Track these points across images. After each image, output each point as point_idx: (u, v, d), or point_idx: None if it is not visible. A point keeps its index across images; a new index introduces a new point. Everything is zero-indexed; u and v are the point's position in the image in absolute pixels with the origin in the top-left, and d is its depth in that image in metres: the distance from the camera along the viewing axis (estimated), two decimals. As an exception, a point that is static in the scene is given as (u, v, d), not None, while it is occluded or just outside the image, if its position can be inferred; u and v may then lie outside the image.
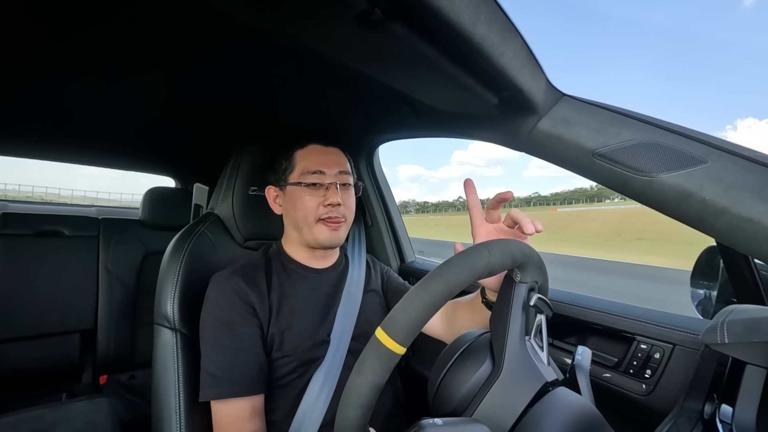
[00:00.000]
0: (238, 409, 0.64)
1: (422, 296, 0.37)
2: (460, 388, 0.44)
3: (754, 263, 0.67)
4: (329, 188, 0.75)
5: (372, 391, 0.36)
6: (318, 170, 0.75)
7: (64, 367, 1.56)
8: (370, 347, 0.37)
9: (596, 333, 0.80)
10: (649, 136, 0.46)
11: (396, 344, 0.36)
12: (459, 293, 0.40)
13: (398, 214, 1.31)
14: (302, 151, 0.78)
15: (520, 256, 0.46)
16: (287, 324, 0.71)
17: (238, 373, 0.64)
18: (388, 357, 0.36)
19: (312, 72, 0.73)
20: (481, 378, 0.44)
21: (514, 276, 0.49)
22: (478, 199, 0.61)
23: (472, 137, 0.80)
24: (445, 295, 0.38)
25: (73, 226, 1.59)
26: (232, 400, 0.64)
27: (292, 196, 0.76)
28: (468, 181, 0.58)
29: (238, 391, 0.64)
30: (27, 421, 0.97)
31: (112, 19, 0.59)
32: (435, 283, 0.38)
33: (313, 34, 0.47)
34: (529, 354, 0.45)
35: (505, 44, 0.45)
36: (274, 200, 0.81)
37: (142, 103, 1.00)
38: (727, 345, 0.46)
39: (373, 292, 0.85)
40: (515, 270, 0.49)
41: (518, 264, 0.47)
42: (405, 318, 0.37)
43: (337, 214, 0.74)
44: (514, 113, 0.57)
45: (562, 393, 0.44)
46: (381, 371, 0.36)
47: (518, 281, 0.48)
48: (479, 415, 0.41)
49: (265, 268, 0.76)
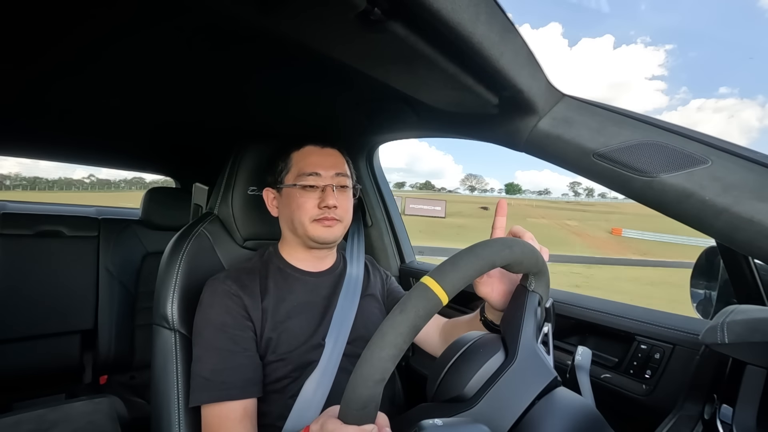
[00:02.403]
0: (228, 411, 0.63)
1: (471, 257, 0.41)
2: (471, 373, 0.44)
3: (755, 263, 0.67)
4: (325, 190, 0.74)
5: (410, 332, 0.37)
6: (314, 172, 0.74)
7: (65, 367, 1.56)
8: (416, 290, 0.39)
9: (596, 333, 0.80)
10: (649, 136, 0.46)
11: (442, 292, 0.38)
12: (461, 300, 0.40)
13: (398, 214, 1.31)
14: (298, 153, 0.77)
15: (542, 264, 0.50)
16: (282, 328, 0.70)
17: (231, 375, 0.64)
18: (432, 302, 0.38)
19: (312, 72, 0.73)
20: (494, 365, 0.45)
21: (528, 285, 0.51)
22: (504, 222, 0.63)
23: (472, 137, 0.80)
24: (488, 263, 0.41)
25: (72, 226, 1.59)
26: (224, 403, 0.63)
27: (288, 197, 0.76)
28: (502, 201, 0.60)
29: (232, 394, 0.63)
30: (28, 421, 0.97)
31: (113, 19, 0.59)
32: (482, 249, 0.42)
33: (314, 34, 0.47)
34: (541, 351, 0.47)
35: (505, 44, 0.45)
36: (271, 202, 0.81)
37: (143, 104, 1.00)
38: (727, 345, 0.46)
39: (372, 297, 0.84)
40: (530, 279, 0.51)
41: (538, 270, 0.50)
42: (454, 270, 0.39)
43: (333, 216, 0.74)
44: (514, 113, 0.57)
45: (563, 393, 0.44)
46: (423, 313, 0.38)
47: (531, 290, 0.51)
48: (488, 401, 0.41)
49: (260, 272, 0.75)
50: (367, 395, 0.37)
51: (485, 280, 0.57)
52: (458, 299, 0.45)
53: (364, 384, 0.37)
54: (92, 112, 1.08)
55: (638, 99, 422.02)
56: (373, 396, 0.37)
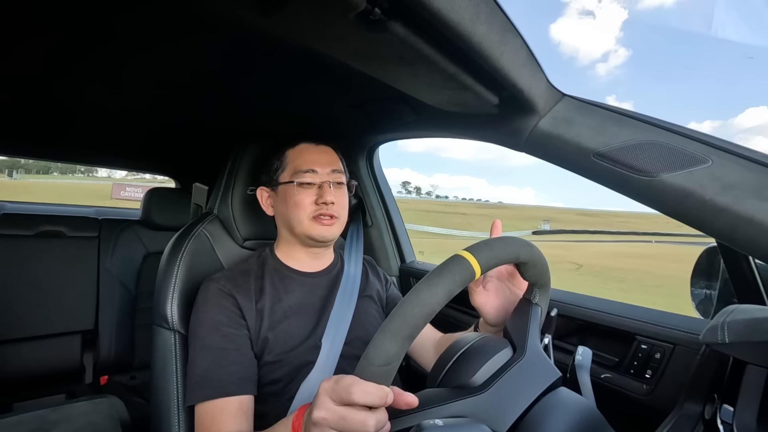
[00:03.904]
0: (223, 405, 0.61)
1: (502, 243, 0.44)
2: (480, 363, 0.45)
3: (755, 263, 0.67)
4: (322, 186, 0.74)
5: (445, 294, 0.38)
6: (310, 169, 0.74)
7: (65, 367, 1.56)
8: (453, 259, 0.40)
9: (597, 333, 0.80)
10: (649, 135, 0.46)
11: (477, 265, 0.40)
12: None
13: (398, 214, 1.31)
14: (293, 150, 0.77)
15: (548, 277, 0.52)
16: (278, 329, 0.70)
17: (226, 373, 0.63)
18: (468, 272, 0.39)
19: (312, 72, 0.73)
20: (503, 358, 0.46)
21: (532, 298, 0.52)
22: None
23: (472, 137, 0.80)
24: (514, 254, 0.45)
25: (73, 226, 1.59)
26: (219, 399, 0.62)
27: (285, 195, 0.75)
28: (497, 222, 0.62)
29: (227, 390, 0.62)
30: (29, 421, 0.97)
31: (113, 20, 0.59)
32: (511, 240, 0.46)
33: (314, 35, 0.47)
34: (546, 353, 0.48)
35: (505, 44, 0.45)
36: (265, 201, 0.80)
37: (143, 104, 1.00)
38: (727, 345, 0.46)
39: (369, 298, 0.83)
40: (535, 291, 0.52)
41: (544, 282, 0.52)
42: (488, 249, 0.42)
43: (330, 212, 0.73)
44: (514, 113, 0.57)
45: (563, 393, 0.44)
46: (459, 279, 0.39)
47: (535, 303, 0.52)
48: (497, 390, 0.42)
49: (256, 273, 0.75)
50: (393, 351, 0.36)
51: (481, 291, 0.58)
52: (458, 299, 0.45)
53: (392, 338, 0.36)
54: (92, 113, 1.08)
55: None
56: (397, 353, 0.36)
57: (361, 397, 0.35)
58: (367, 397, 0.36)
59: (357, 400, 0.35)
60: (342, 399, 0.36)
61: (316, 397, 0.39)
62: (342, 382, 0.37)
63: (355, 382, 0.36)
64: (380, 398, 0.36)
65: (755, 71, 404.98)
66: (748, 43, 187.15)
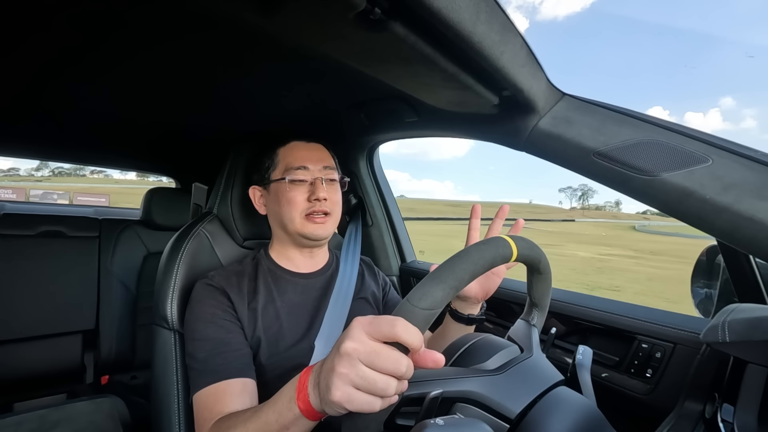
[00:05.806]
0: (226, 386, 0.60)
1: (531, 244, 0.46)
2: (493, 351, 0.47)
3: (755, 262, 0.67)
4: (314, 183, 0.74)
5: (490, 259, 0.40)
6: (302, 166, 0.74)
7: (66, 367, 1.56)
8: (497, 238, 0.42)
9: (597, 332, 0.80)
10: (650, 135, 0.46)
11: (516, 251, 0.43)
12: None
13: (398, 214, 1.31)
14: (285, 148, 0.77)
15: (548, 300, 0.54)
16: (271, 330, 0.69)
17: (226, 358, 0.63)
18: (509, 251, 0.42)
19: (312, 72, 0.73)
20: (513, 352, 0.48)
21: (530, 320, 0.54)
22: (479, 224, 0.67)
23: (472, 137, 0.80)
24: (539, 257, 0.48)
25: (73, 226, 1.59)
26: (221, 382, 0.60)
27: (277, 193, 0.75)
28: (476, 206, 0.63)
29: (230, 373, 0.61)
30: (29, 421, 0.97)
31: (111, 21, 0.59)
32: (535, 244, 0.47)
33: (314, 34, 0.47)
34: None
35: (505, 43, 0.44)
36: (258, 200, 0.80)
37: (142, 104, 1.00)
38: (728, 344, 0.46)
39: (364, 300, 0.82)
40: (533, 312, 0.54)
41: (543, 305, 0.54)
42: (525, 242, 0.45)
43: (323, 209, 0.73)
44: (514, 113, 0.57)
45: (564, 393, 0.44)
46: (503, 253, 0.41)
47: (533, 324, 0.54)
48: (511, 375, 0.43)
49: (250, 274, 0.75)
50: (438, 296, 0.36)
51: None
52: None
53: (439, 284, 0.36)
54: (92, 113, 1.08)
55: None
56: (442, 300, 0.36)
57: (403, 333, 0.34)
58: (409, 336, 0.34)
59: (400, 334, 0.34)
60: (382, 332, 0.35)
61: (348, 330, 0.37)
62: (383, 317, 0.36)
63: (399, 318, 0.35)
64: (420, 340, 0.35)
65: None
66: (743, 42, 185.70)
